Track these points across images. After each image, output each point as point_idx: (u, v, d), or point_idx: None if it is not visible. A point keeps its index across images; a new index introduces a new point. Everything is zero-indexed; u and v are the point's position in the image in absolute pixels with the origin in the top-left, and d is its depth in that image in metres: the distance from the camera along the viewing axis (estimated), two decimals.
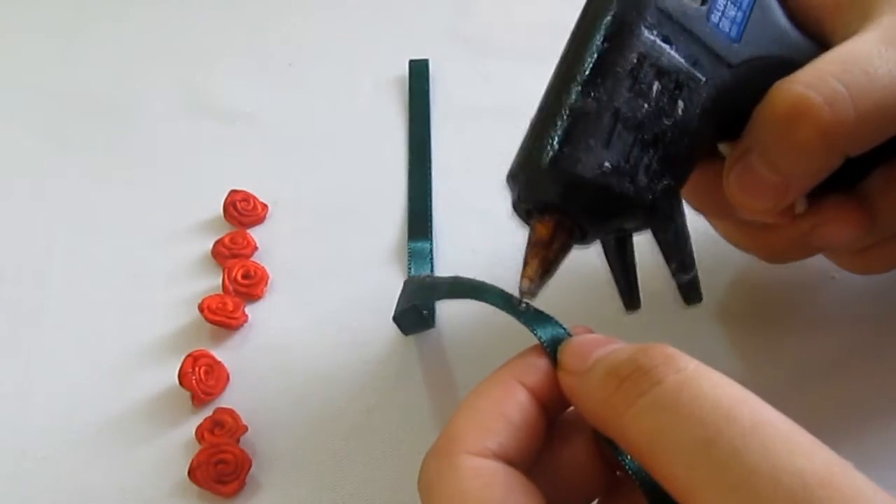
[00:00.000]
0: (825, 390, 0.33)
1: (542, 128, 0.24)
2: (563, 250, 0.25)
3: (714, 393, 0.18)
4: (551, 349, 0.24)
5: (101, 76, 0.50)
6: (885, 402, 0.33)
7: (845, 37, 0.26)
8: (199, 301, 0.37)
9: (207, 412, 0.34)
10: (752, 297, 0.36)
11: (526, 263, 0.25)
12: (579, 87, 0.24)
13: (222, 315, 0.37)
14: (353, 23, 0.51)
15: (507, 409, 0.22)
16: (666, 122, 0.24)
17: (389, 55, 0.48)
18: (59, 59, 0.52)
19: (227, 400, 0.35)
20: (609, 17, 0.24)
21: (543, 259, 0.24)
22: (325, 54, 0.49)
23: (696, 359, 0.34)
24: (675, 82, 0.24)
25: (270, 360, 0.37)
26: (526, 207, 0.25)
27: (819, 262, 0.37)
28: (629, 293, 0.28)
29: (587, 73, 0.24)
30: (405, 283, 0.34)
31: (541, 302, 0.25)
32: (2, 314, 0.40)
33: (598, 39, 0.24)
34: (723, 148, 0.30)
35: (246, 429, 0.34)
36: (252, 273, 0.38)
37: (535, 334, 0.24)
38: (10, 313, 0.40)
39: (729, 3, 0.25)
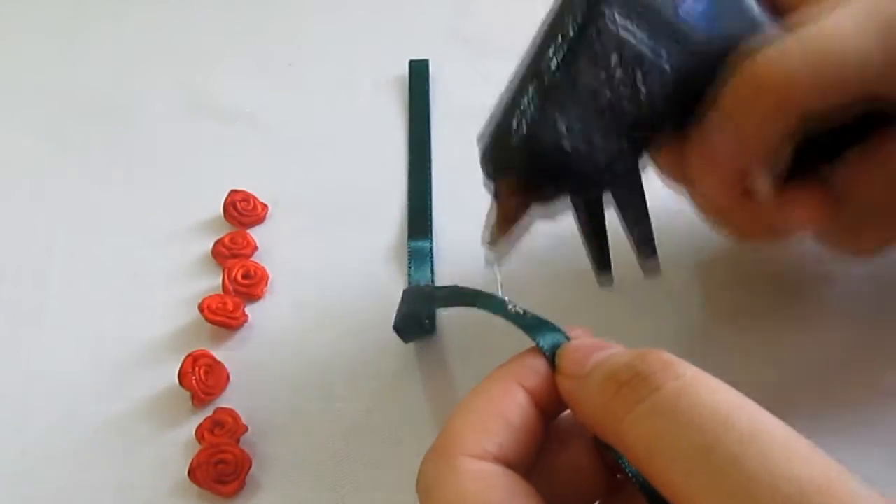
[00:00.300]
0: (825, 390, 0.33)
1: (508, 97, 0.27)
2: (523, 208, 0.27)
3: (712, 399, 0.18)
4: (550, 354, 0.24)
5: (101, 76, 0.50)
6: (885, 401, 0.33)
7: None
8: (199, 301, 0.37)
9: (207, 412, 0.34)
10: (751, 297, 0.36)
11: (489, 217, 0.27)
12: (545, 61, 0.26)
13: (222, 315, 0.37)
14: (353, 23, 0.51)
15: (505, 410, 0.22)
16: (624, 95, 0.25)
17: (389, 55, 0.48)
18: (59, 59, 0.52)
19: (227, 400, 0.35)
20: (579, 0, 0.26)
21: (505, 214, 0.27)
22: (325, 54, 0.49)
23: (696, 359, 0.34)
24: (636, 60, 0.25)
25: (270, 360, 0.37)
26: (489, 168, 0.27)
27: (819, 262, 0.37)
28: (600, 260, 0.30)
29: (553, 47, 0.26)
30: (404, 293, 0.34)
31: (545, 307, 0.25)
32: (2, 314, 0.40)
33: (567, 18, 0.26)
34: None
35: (246, 429, 0.34)
36: (252, 273, 0.38)
37: (534, 339, 0.24)
38: (10, 313, 0.40)
39: None
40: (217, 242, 0.40)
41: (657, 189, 0.30)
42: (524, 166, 0.26)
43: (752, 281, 0.37)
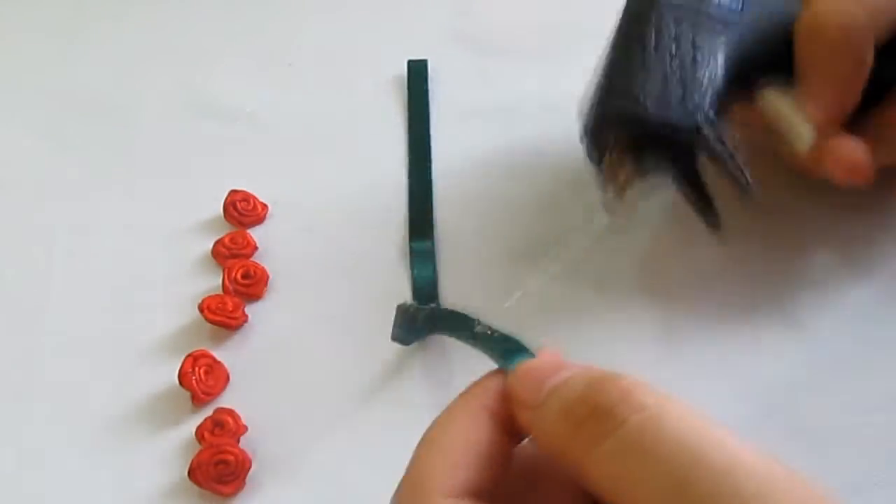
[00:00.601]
0: (824, 390, 0.33)
1: (604, 79, 0.33)
2: (634, 174, 0.32)
3: (679, 431, 0.18)
4: None
5: (101, 76, 0.50)
6: (885, 401, 0.33)
7: None
8: (199, 301, 0.37)
9: (207, 412, 0.34)
10: (749, 297, 0.36)
11: (605, 183, 0.32)
12: (631, 49, 0.32)
13: (222, 315, 0.37)
14: (353, 23, 0.51)
15: (473, 440, 0.21)
16: (693, 63, 0.32)
17: (390, 55, 0.48)
18: (59, 59, 0.52)
19: (227, 400, 0.35)
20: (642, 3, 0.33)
21: (618, 183, 0.32)
22: (325, 54, 0.49)
23: (696, 359, 0.34)
24: (693, 39, 0.32)
25: (270, 360, 0.37)
26: (602, 138, 0.32)
27: (819, 261, 0.37)
28: (710, 213, 0.33)
29: (627, 34, 0.33)
30: (397, 309, 0.34)
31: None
32: (2, 314, 0.40)
33: (632, 15, 0.33)
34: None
35: (246, 429, 0.34)
36: (252, 273, 0.38)
37: (503, 364, 0.23)
38: (10, 313, 0.40)
39: None
40: (217, 242, 0.40)
41: None
42: (633, 130, 0.31)
43: (751, 281, 0.37)
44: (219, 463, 0.32)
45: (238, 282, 0.38)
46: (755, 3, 0.34)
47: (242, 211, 0.41)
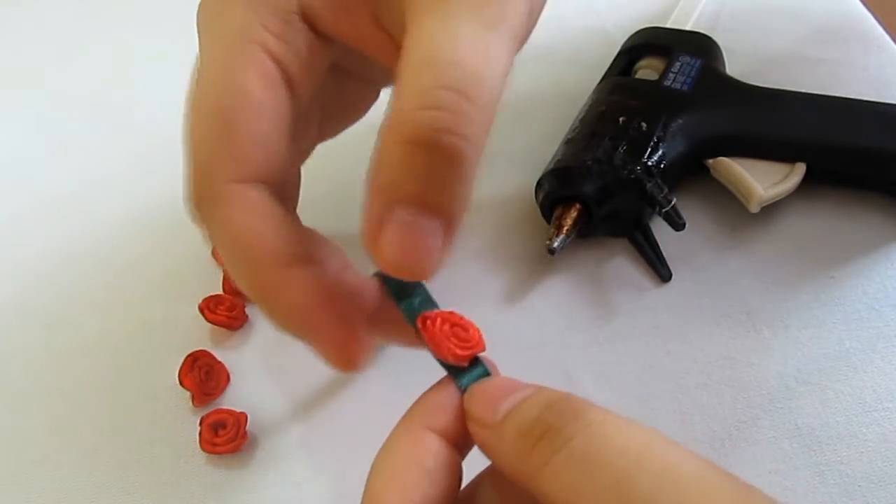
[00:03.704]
0: (824, 390, 0.33)
1: (559, 153, 0.39)
2: (576, 224, 0.36)
3: (622, 441, 0.19)
4: (460, 379, 0.24)
5: (101, 76, 0.50)
6: (884, 401, 0.33)
7: None
8: (199, 301, 0.37)
9: (207, 412, 0.34)
10: (748, 298, 0.36)
11: (552, 230, 0.36)
12: (574, 125, 0.40)
13: (222, 315, 0.37)
14: None
15: (420, 459, 0.22)
16: (631, 133, 0.38)
17: None
18: (59, 59, 0.52)
19: (227, 400, 0.35)
20: (595, 95, 0.41)
21: (561, 228, 0.36)
22: None
23: (693, 361, 0.34)
24: (647, 115, 0.38)
25: (270, 360, 0.37)
26: (547, 201, 0.38)
27: (819, 262, 0.37)
28: (660, 267, 0.37)
29: (579, 117, 0.40)
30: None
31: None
32: (2, 314, 0.40)
33: (588, 102, 0.41)
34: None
35: (246, 430, 0.34)
36: None
37: (454, 378, 0.24)
38: (10, 313, 0.40)
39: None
40: None
41: None
42: (576, 191, 0.36)
43: (750, 281, 0.37)
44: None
45: None
46: (705, 84, 0.39)
47: None
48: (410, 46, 0.22)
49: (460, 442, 0.23)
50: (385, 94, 0.31)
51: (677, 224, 0.36)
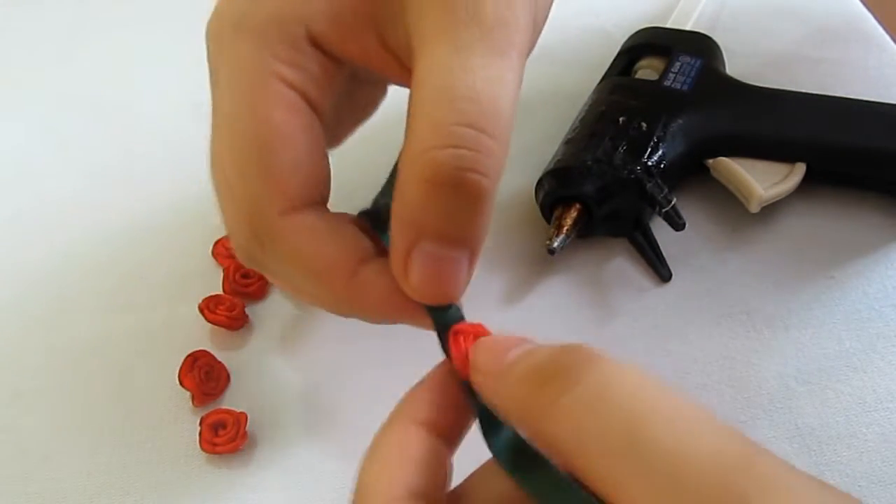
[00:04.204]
0: (824, 390, 0.33)
1: (559, 153, 0.39)
2: (576, 224, 0.36)
3: (634, 387, 0.18)
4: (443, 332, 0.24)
5: (101, 76, 0.50)
6: (884, 401, 0.33)
7: None
8: (199, 301, 0.37)
9: (207, 412, 0.34)
10: (748, 298, 0.36)
11: (552, 230, 0.36)
12: (574, 125, 0.40)
13: (222, 315, 0.37)
14: None
15: (409, 450, 0.22)
16: (641, 133, 0.38)
17: None
18: (59, 59, 0.52)
19: (227, 400, 0.35)
20: (595, 95, 0.41)
21: (561, 228, 0.36)
22: None
23: (693, 361, 0.34)
24: (646, 115, 0.38)
25: (270, 360, 0.37)
26: (547, 201, 0.38)
27: (819, 262, 0.37)
28: (660, 267, 0.37)
29: (579, 117, 0.40)
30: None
31: None
32: (2, 314, 0.40)
33: (588, 102, 0.41)
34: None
35: (246, 430, 0.34)
36: (252, 273, 0.38)
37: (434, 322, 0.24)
38: (11, 314, 0.40)
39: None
40: (217, 242, 0.40)
41: None
42: (576, 190, 0.37)
43: (749, 281, 0.37)
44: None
45: (238, 282, 0.38)
46: (705, 84, 0.40)
47: None
48: (423, 77, 0.22)
49: (449, 435, 0.23)
50: (392, 91, 0.31)
51: (677, 224, 0.36)
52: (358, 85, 0.29)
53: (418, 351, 0.36)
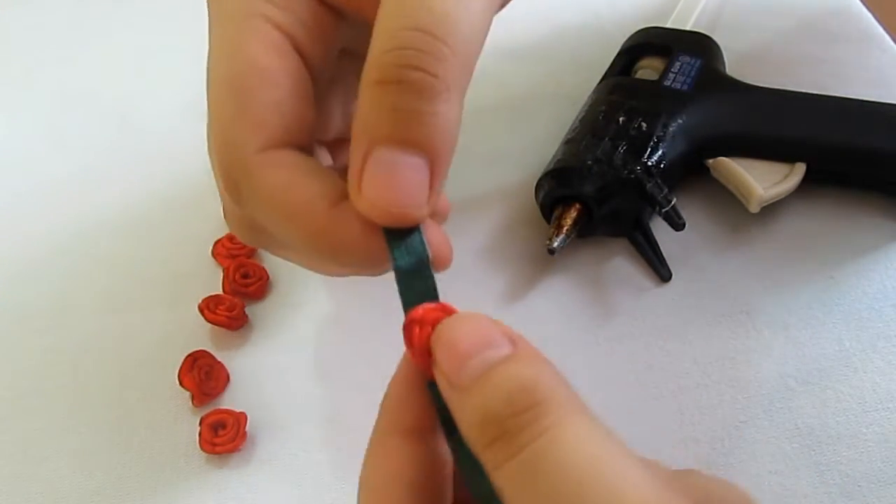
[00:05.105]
0: (824, 390, 0.33)
1: (559, 152, 0.39)
2: (576, 224, 0.37)
3: (571, 453, 0.18)
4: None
5: (101, 76, 0.50)
6: (884, 401, 0.33)
7: None
8: (199, 301, 0.37)
9: (207, 412, 0.34)
10: (748, 298, 0.36)
11: (552, 230, 0.36)
12: (574, 125, 0.40)
13: (222, 315, 0.37)
14: None
15: (398, 473, 0.22)
16: (640, 134, 0.38)
17: None
18: (59, 59, 0.52)
19: (227, 400, 0.35)
20: (595, 95, 0.41)
21: (561, 228, 0.36)
22: None
23: (693, 361, 0.34)
24: (645, 114, 0.38)
25: (270, 360, 0.37)
26: (547, 201, 0.38)
27: (819, 262, 0.37)
28: (660, 267, 0.37)
29: (579, 117, 0.40)
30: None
31: None
32: (1, 314, 0.40)
33: (588, 102, 0.41)
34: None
35: (246, 430, 0.34)
36: (252, 273, 0.38)
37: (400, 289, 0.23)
38: (10, 313, 0.40)
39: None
40: (217, 242, 0.40)
41: None
42: (575, 190, 0.37)
43: (749, 281, 0.37)
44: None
45: (238, 282, 0.38)
46: (704, 84, 0.40)
47: None
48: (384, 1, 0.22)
49: (429, 434, 0.22)
50: None
51: (677, 224, 0.36)
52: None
53: None
